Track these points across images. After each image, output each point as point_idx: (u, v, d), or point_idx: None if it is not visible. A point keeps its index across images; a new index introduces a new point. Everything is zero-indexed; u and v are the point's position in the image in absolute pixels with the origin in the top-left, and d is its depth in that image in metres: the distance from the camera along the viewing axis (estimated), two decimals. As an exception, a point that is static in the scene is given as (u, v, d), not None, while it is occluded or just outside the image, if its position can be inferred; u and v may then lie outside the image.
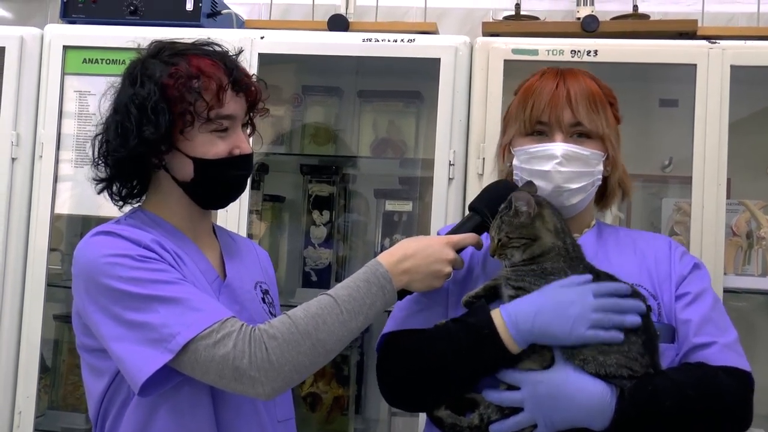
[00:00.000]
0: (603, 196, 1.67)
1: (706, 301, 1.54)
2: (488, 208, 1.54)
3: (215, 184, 1.54)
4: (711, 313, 1.52)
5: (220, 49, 1.58)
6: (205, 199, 1.57)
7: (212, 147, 1.51)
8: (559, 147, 1.54)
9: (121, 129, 1.48)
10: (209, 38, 1.60)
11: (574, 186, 1.55)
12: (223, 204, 1.63)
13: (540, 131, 1.58)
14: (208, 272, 1.56)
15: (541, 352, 1.41)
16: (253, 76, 1.62)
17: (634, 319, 1.39)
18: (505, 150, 1.66)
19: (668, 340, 1.50)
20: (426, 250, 1.47)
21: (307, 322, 1.38)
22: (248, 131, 1.62)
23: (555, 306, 1.39)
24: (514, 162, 1.61)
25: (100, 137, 1.54)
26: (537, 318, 1.39)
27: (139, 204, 1.61)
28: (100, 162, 1.54)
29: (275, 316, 1.53)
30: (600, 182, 1.60)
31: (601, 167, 1.58)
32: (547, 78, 1.61)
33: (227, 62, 1.54)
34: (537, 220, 1.47)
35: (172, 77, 1.48)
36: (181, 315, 1.37)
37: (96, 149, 1.54)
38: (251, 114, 1.62)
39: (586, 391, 1.36)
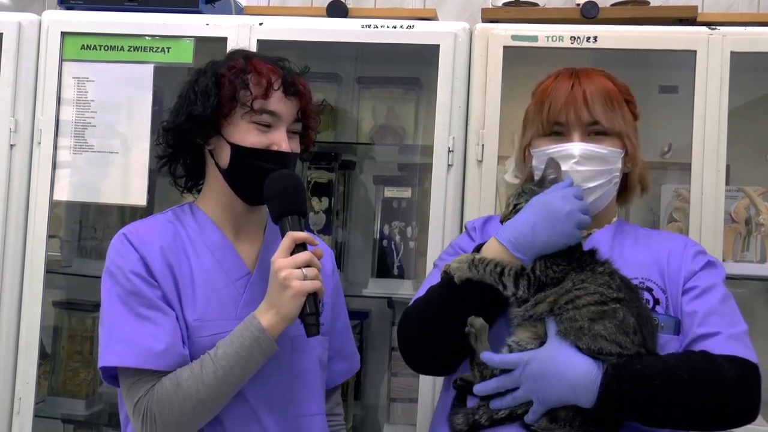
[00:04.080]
0: (623, 192, 1.70)
1: (714, 295, 1.53)
2: (288, 203, 1.57)
3: (248, 173, 1.60)
4: (719, 306, 1.52)
5: (288, 65, 1.67)
6: (242, 190, 1.64)
7: (250, 136, 1.60)
8: (576, 147, 1.58)
9: (176, 107, 1.65)
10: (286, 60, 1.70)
11: (592, 184, 1.58)
12: (261, 199, 1.63)
13: (558, 132, 1.61)
14: (234, 270, 1.64)
15: (533, 323, 1.45)
16: (323, 103, 1.77)
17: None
18: (525, 152, 1.69)
19: (673, 332, 1.51)
20: (273, 285, 1.51)
21: (189, 385, 1.49)
22: (299, 143, 1.68)
23: (548, 215, 1.45)
24: (533, 163, 1.65)
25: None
26: (535, 231, 1.45)
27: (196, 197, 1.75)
28: (160, 141, 1.70)
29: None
30: (618, 180, 1.63)
31: (619, 165, 1.60)
32: (563, 79, 1.64)
33: (286, 70, 1.64)
34: None
35: (228, 69, 1.62)
36: (118, 343, 1.53)
37: (159, 131, 1.71)
38: (307, 125, 1.69)
39: (572, 366, 1.38)
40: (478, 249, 1.54)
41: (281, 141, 1.61)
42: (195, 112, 1.60)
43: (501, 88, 2.18)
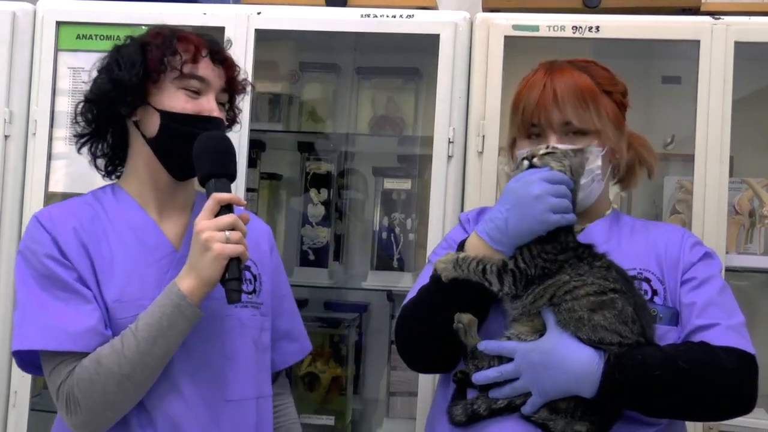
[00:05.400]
0: (622, 179, 1.71)
1: (712, 287, 1.54)
2: (217, 163, 1.54)
3: (178, 139, 1.57)
4: (717, 297, 1.52)
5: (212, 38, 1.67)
6: (171, 160, 1.60)
7: (180, 102, 1.58)
8: None
9: (97, 80, 1.62)
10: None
11: None
12: (190, 170, 1.60)
13: (536, 133, 1.61)
14: (158, 248, 1.60)
15: (530, 317, 1.44)
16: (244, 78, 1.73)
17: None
18: (512, 150, 1.69)
19: (671, 323, 1.52)
20: (194, 247, 1.48)
21: (110, 361, 1.45)
22: (227, 113, 1.68)
23: (517, 201, 1.44)
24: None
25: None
26: (507, 220, 1.44)
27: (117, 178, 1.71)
28: (78, 119, 1.65)
29: (245, 293, 1.60)
30: (602, 176, 1.61)
31: (599, 162, 1.59)
32: (537, 78, 1.63)
33: (210, 40, 1.63)
34: None
35: (153, 36, 1.59)
36: (33, 326, 1.50)
37: (77, 108, 1.66)
38: (232, 96, 1.68)
39: (575, 357, 1.38)
40: (461, 246, 1.53)
41: (211, 107, 1.59)
42: (122, 79, 1.57)
43: (502, 79, 2.16)
